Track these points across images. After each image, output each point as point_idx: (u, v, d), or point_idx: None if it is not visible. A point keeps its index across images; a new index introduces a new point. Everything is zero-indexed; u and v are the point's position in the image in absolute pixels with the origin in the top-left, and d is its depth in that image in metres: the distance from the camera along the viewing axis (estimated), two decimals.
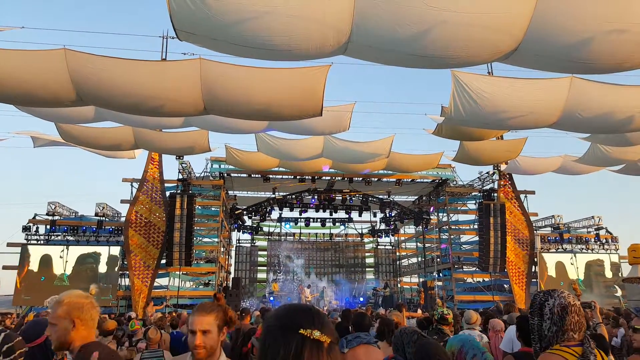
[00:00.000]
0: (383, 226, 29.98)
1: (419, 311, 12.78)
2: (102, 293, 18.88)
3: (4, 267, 19.13)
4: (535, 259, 21.44)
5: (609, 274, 22.10)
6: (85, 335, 2.27)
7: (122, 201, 20.51)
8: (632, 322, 3.14)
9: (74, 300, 2.28)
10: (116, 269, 19.63)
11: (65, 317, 2.22)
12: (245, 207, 25.39)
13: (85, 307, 2.28)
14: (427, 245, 26.71)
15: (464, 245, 24.03)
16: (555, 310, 2.12)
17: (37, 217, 20.18)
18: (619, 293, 20.40)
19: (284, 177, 21.97)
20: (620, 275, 21.91)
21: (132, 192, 20.23)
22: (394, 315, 5.65)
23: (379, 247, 32.06)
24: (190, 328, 2.27)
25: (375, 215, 27.74)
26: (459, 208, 23.92)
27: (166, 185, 20.46)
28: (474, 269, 22.38)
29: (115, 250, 19.77)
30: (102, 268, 19.56)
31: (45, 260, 19.19)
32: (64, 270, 19.11)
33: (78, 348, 2.23)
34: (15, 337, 2.94)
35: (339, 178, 22.16)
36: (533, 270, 21.40)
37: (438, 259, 24.15)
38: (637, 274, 11.08)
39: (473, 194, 23.20)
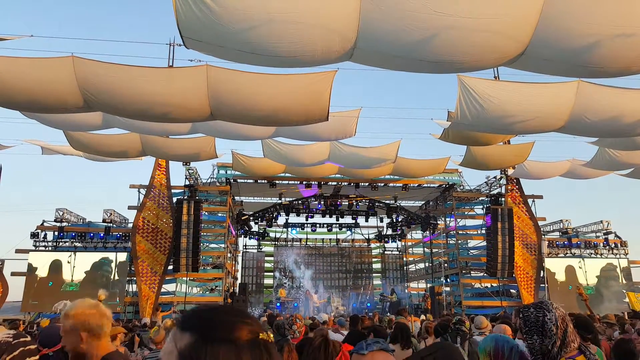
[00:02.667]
0: (390, 231, 29.89)
1: (422, 316, 12.72)
2: (110, 299, 18.91)
3: (13, 274, 19.25)
4: (543, 264, 21.29)
5: (620, 278, 21.83)
6: (96, 344, 2.21)
7: (130, 207, 20.63)
8: (638, 325, 3.09)
9: (79, 312, 2.21)
10: (123, 274, 19.72)
11: (72, 331, 2.16)
12: (251, 212, 25.42)
13: (92, 318, 2.21)
14: (434, 250, 26.59)
15: (471, 251, 23.90)
16: (558, 323, 2.03)
17: (45, 224, 20.30)
18: None
19: (290, 182, 21.99)
20: (632, 280, 21.70)
21: (139, 199, 20.33)
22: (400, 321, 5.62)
23: (386, 252, 31.95)
24: None
25: (381, 221, 27.68)
26: (466, 213, 23.81)
27: (173, 191, 20.55)
28: (481, 274, 22.24)
29: (122, 257, 19.86)
30: (113, 274, 19.67)
31: (55, 266, 19.31)
32: (72, 276, 19.20)
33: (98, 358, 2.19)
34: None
35: (345, 183, 22.15)
36: (541, 275, 21.24)
37: (445, 264, 24.03)
38: None
39: (480, 198, 23.09)
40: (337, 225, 28.22)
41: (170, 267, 19.55)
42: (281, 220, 27.14)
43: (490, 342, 2.46)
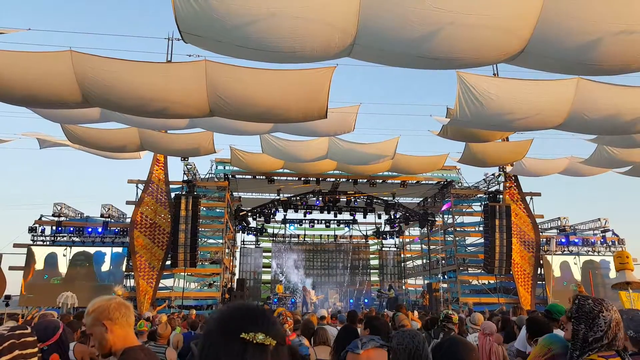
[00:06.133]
0: (388, 228, 29.90)
1: (416, 313, 12.71)
2: (104, 292, 18.90)
3: (10, 268, 19.22)
4: (541, 261, 21.33)
5: (613, 274, 21.72)
6: (122, 334, 2.23)
7: (128, 202, 20.60)
8: None
9: (97, 305, 2.26)
10: (122, 267, 19.77)
11: (96, 324, 2.21)
12: (249, 208, 25.40)
13: (112, 308, 2.25)
14: (432, 247, 26.63)
15: (469, 247, 23.94)
16: (611, 325, 2.05)
17: (43, 218, 20.27)
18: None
19: (288, 178, 21.97)
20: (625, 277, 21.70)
21: (137, 194, 20.31)
22: (401, 318, 5.61)
23: (383, 248, 31.99)
24: None
25: (379, 217, 27.67)
26: (464, 210, 23.83)
27: (171, 186, 20.53)
28: (479, 271, 22.28)
29: (119, 251, 19.89)
30: (98, 267, 19.65)
31: (50, 259, 19.32)
32: (67, 270, 19.25)
33: (121, 351, 2.19)
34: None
35: (344, 179, 22.14)
36: (539, 272, 21.30)
37: (443, 261, 24.07)
38: (624, 279, 11.11)
39: (478, 195, 23.11)
40: (335, 221, 28.19)
41: (168, 263, 19.55)
42: (279, 216, 27.14)
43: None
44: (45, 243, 20.00)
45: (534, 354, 2.54)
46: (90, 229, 20.20)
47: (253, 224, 27.74)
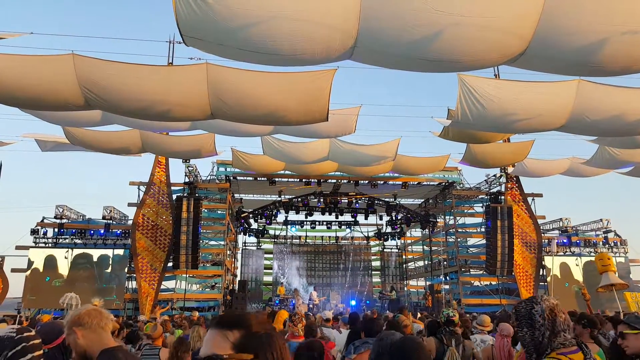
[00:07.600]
0: (389, 229, 29.89)
1: (418, 315, 12.70)
2: (106, 294, 18.90)
3: (13, 270, 19.25)
4: (543, 262, 21.29)
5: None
6: (95, 338, 2.27)
7: (130, 204, 20.63)
8: (619, 327, 3.02)
9: (70, 315, 2.35)
10: (122, 271, 19.78)
11: (69, 333, 2.29)
12: (251, 210, 25.41)
13: (82, 314, 2.31)
14: (433, 248, 26.60)
15: (470, 249, 23.90)
16: (545, 314, 2.06)
17: (45, 221, 20.30)
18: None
19: (289, 180, 21.98)
20: (630, 277, 21.71)
21: (139, 195, 20.34)
22: (402, 319, 5.61)
23: (385, 250, 31.97)
24: None
25: (381, 219, 27.67)
26: (465, 211, 23.81)
27: (173, 188, 20.54)
28: (481, 272, 22.25)
29: (120, 253, 19.92)
30: (99, 269, 19.70)
31: (50, 261, 19.36)
32: (68, 272, 19.28)
33: (98, 353, 2.23)
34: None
35: (345, 181, 22.14)
36: (540, 273, 21.27)
37: (445, 262, 24.04)
38: (609, 282, 11.14)
39: (480, 196, 23.08)
40: (337, 223, 28.20)
41: (170, 264, 19.56)
42: (280, 217, 27.15)
43: None
44: (47, 245, 20.04)
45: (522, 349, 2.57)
46: (92, 231, 20.24)
47: (254, 225, 27.75)
